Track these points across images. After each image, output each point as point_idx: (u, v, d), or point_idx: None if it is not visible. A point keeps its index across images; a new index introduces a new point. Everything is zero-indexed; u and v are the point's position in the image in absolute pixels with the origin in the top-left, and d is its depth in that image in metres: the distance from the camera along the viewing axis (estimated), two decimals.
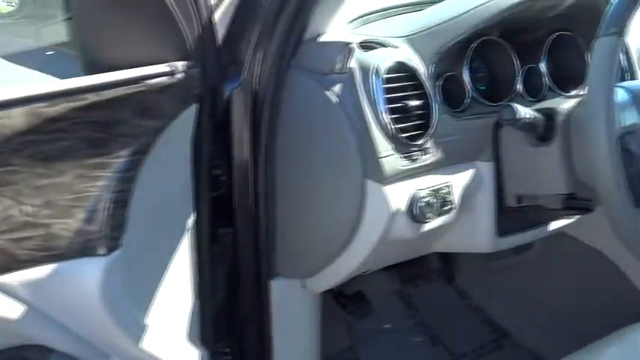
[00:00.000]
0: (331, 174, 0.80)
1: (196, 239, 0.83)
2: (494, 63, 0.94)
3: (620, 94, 0.70)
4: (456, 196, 0.82)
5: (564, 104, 0.79)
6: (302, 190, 0.86)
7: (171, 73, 0.64)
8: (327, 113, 0.77)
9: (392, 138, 0.75)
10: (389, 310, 1.49)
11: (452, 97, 0.85)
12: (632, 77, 1.00)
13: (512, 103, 0.71)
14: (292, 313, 1.00)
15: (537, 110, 0.78)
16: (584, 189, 0.76)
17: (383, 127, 0.74)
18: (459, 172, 0.84)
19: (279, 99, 0.82)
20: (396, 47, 0.82)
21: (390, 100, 0.75)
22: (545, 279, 1.37)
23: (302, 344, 1.06)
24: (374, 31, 0.88)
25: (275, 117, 0.83)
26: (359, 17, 0.89)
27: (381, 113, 0.74)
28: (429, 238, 0.87)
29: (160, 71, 0.63)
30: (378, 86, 0.74)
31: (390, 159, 0.75)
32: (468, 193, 0.85)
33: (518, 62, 0.91)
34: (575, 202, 0.79)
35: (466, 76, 0.86)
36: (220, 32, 0.82)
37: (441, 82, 0.83)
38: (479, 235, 0.90)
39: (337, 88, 0.76)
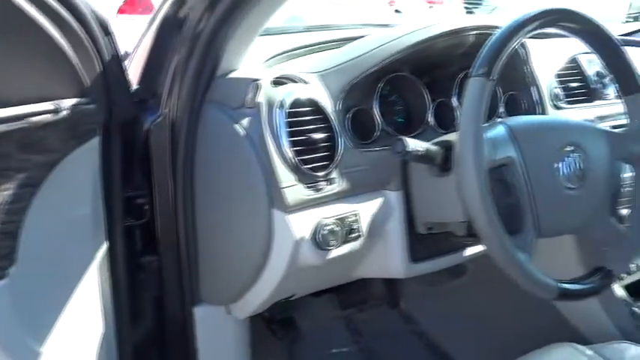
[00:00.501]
0: (243, 204, 0.84)
1: (110, 268, 0.85)
2: (408, 98, 0.99)
3: (499, 129, 0.75)
4: (363, 224, 0.86)
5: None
6: (219, 219, 0.89)
7: (55, 111, 0.66)
8: (236, 145, 0.81)
9: (294, 169, 0.78)
10: (334, 336, 1.51)
11: (363, 129, 0.90)
12: (543, 112, 1.06)
13: (403, 137, 0.75)
14: (219, 339, 1.02)
15: (438, 142, 0.82)
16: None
17: (285, 159, 0.78)
18: (368, 200, 0.87)
19: (196, 132, 0.86)
20: (306, 83, 0.86)
21: (293, 133, 0.79)
22: (480, 301, 1.41)
23: None
24: (291, 68, 0.92)
25: (192, 149, 0.86)
26: (277, 55, 0.94)
27: (283, 145, 0.78)
28: (342, 265, 0.90)
29: (42, 109, 0.65)
30: (281, 120, 0.78)
31: (293, 189, 0.78)
32: (378, 221, 0.88)
33: (429, 97, 0.96)
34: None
35: (376, 110, 0.91)
36: (140, 67, 0.86)
37: (350, 116, 0.88)
38: (393, 261, 0.93)
39: (245, 121, 0.80)
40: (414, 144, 0.75)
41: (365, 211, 0.86)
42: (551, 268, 0.80)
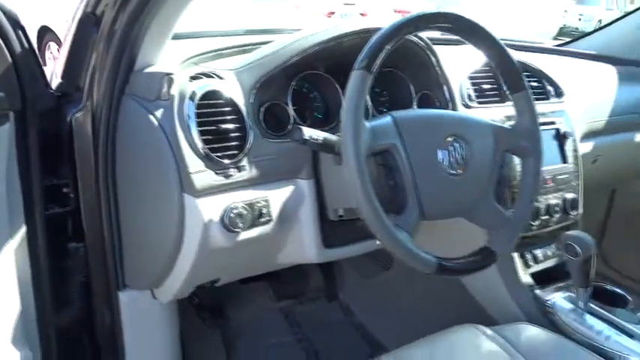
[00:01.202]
0: (158, 190, 0.89)
1: (31, 253, 0.89)
2: (326, 95, 1.06)
3: (385, 119, 0.82)
4: (274, 210, 0.92)
5: None
6: (139, 206, 0.95)
7: None
8: (151, 135, 0.86)
9: (203, 156, 0.84)
10: (272, 327, 1.56)
11: (279, 122, 0.97)
12: (454, 109, 1.14)
13: (301, 126, 0.82)
14: (145, 323, 1.07)
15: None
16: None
17: (193, 147, 0.84)
18: (279, 188, 0.94)
19: (116, 123, 0.91)
20: (222, 78, 0.92)
21: (203, 124, 0.85)
22: (407, 291, 1.48)
23: (160, 354, 1.12)
24: (212, 66, 0.99)
25: (112, 139, 0.92)
26: (200, 54, 1.00)
27: (192, 134, 0.84)
28: (257, 249, 0.96)
29: None
30: (191, 110, 0.85)
31: (202, 175, 0.84)
32: (289, 207, 0.95)
33: (342, 94, 1.03)
34: None
35: (289, 105, 0.98)
36: (63, 62, 0.92)
37: (264, 109, 0.94)
38: (307, 246, 1.00)
39: (159, 112, 0.86)
40: (312, 133, 0.82)
41: (275, 197, 0.93)
42: (447, 248, 0.88)
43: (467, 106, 1.15)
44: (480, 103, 1.19)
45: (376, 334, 1.56)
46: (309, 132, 0.81)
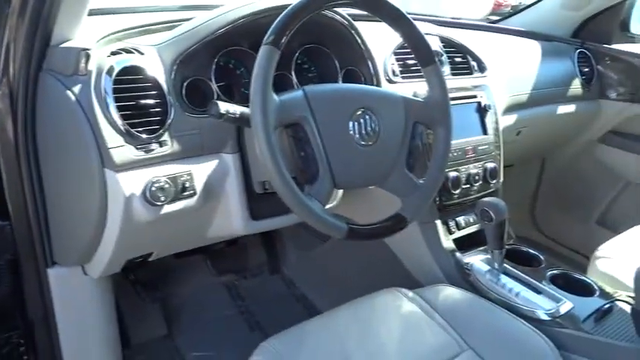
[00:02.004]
0: (80, 166, 0.90)
1: None
2: (251, 70, 1.07)
3: (296, 93, 0.85)
4: (198, 184, 0.94)
5: None
6: (62, 182, 0.95)
7: None
8: (70, 111, 0.87)
9: (122, 132, 0.86)
10: (215, 301, 1.59)
11: (204, 98, 0.98)
12: (378, 84, 1.18)
13: (217, 100, 0.84)
14: (76, 299, 1.08)
15: None
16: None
17: (112, 122, 0.85)
18: (203, 162, 0.96)
19: (34, 99, 0.91)
20: (142, 54, 0.93)
21: (121, 99, 0.86)
22: (344, 262, 1.54)
23: (95, 330, 1.14)
24: (135, 42, 0.99)
25: (32, 115, 0.92)
26: (124, 30, 1.00)
27: (110, 109, 0.85)
28: (185, 222, 0.98)
29: None
30: (107, 85, 0.85)
31: (121, 150, 0.86)
32: (214, 181, 0.97)
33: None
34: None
35: (213, 81, 0.99)
36: None
37: (186, 84, 0.96)
38: (234, 219, 1.03)
39: (77, 88, 0.86)
40: (229, 107, 0.84)
41: (199, 171, 0.95)
42: (369, 215, 0.92)
43: (390, 81, 1.20)
44: (404, 78, 1.23)
45: (316, 303, 1.62)
46: (225, 106, 0.83)
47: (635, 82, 1.72)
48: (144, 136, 0.87)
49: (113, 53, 0.91)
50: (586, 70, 1.76)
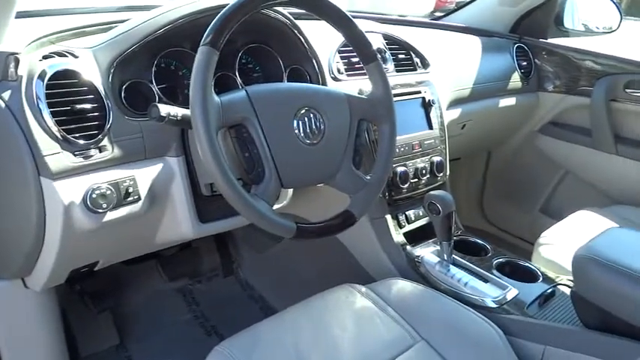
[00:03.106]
0: (14, 175, 0.86)
1: None
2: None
3: (239, 94, 0.84)
4: (142, 189, 0.92)
5: None
6: None
7: None
8: (1, 119, 0.82)
9: (57, 138, 0.82)
10: (168, 307, 1.56)
11: (145, 102, 0.96)
12: (323, 82, 1.18)
13: (157, 103, 0.82)
14: (19, 314, 1.03)
15: None
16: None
17: (45, 129, 0.81)
18: (146, 167, 0.94)
19: None
20: (76, 57, 0.90)
21: (55, 104, 0.83)
22: (299, 260, 1.54)
23: (40, 345, 1.09)
24: (71, 44, 0.95)
25: None
26: (55, 33, 0.96)
27: (43, 116, 0.81)
28: (130, 229, 0.96)
29: None
30: (39, 91, 0.82)
31: (57, 157, 0.83)
32: (159, 185, 0.95)
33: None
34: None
35: (153, 83, 0.97)
36: None
37: (125, 88, 0.93)
38: (182, 223, 1.01)
39: (6, 94, 0.82)
40: (170, 109, 0.82)
41: (143, 176, 0.92)
42: (318, 213, 0.92)
43: (335, 79, 1.20)
44: (349, 75, 1.24)
45: (274, 303, 1.61)
46: (166, 109, 0.82)
47: (571, 74, 1.80)
48: (81, 142, 0.84)
49: (45, 57, 0.87)
50: (524, 64, 1.83)
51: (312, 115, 0.88)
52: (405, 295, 1.08)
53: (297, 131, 0.86)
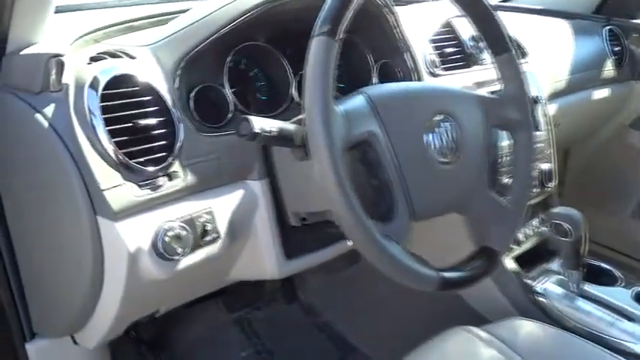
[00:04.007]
0: (62, 213, 0.67)
1: None
2: (269, 72, 0.86)
3: (358, 100, 0.64)
4: (221, 224, 0.72)
5: None
6: (39, 235, 0.72)
7: None
8: (42, 141, 0.63)
9: (118, 165, 0.63)
10: (227, 343, 1.37)
11: (215, 111, 0.76)
12: (419, 79, 0.97)
13: (249, 116, 0.62)
14: None
15: (297, 120, 0.70)
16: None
17: (102, 153, 0.62)
18: (225, 194, 0.74)
19: None
20: (133, 58, 0.70)
21: (113, 120, 0.63)
22: (379, 286, 1.34)
23: None
24: (119, 42, 0.76)
25: None
26: (99, 29, 0.76)
27: (99, 136, 0.62)
28: (203, 273, 0.76)
29: None
30: (93, 103, 0.62)
31: (119, 191, 0.63)
32: (240, 217, 0.75)
33: (290, 69, 0.84)
34: None
35: (227, 87, 0.77)
36: None
37: (193, 95, 0.73)
38: (265, 260, 0.81)
39: (49, 109, 0.63)
40: (264, 124, 0.62)
41: (221, 207, 0.73)
42: (429, 252, 0.72)
43: (433, 75, 0.99)
44: (445, 69, 1.03)
45: (344, 333, 1.41)
46: (259, 123, 0.61)
47: None
48: (150, 168, 0.65)
49: (93, 59, 0.68)
50: (617, 49, 1.59)
51: (448, 124, 0.67)
52: (534, 339, 0.87)
53: (430, 146, 0.65)
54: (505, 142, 0.92)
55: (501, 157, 0.91)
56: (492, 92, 0.78)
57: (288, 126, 0.66)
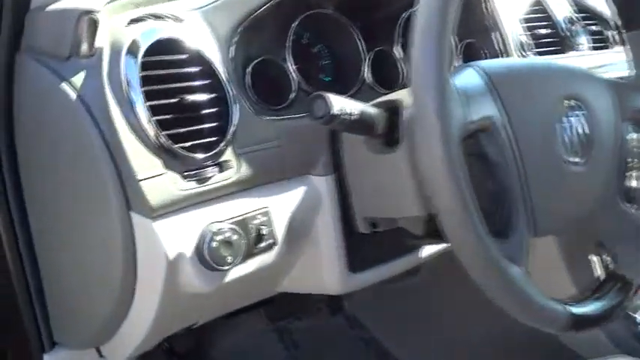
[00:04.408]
0: (90, 207, 0.55)
1: None
2: (337, 47, 0.73)
3: (470, 76, 0.50)
4: (278, 227, 0.59)
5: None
6: (62, 231, 0.60)
7: None
8: (68, 117, 0.52)
9: (158, 150, 0.50)
10: (265, 354, 1.25)
11: (274, 90, 0.63)
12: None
13: (324, 93, 0.48)
14: None
15: (379, 104, 0.57)
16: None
17: (140, 134, 0.50)
18: (284, 191, 0.61)
19: (10, 99, 0.56)
20: (180, 21, 0.58)
21: (155, 94, 0.51)
22: (440, 302, 1.19)
23: None
24: (164, 4, 0.63)
25: (8, 128, 0.56)
26: None
27: (137, 113, 0.50)
28: (252, 284, 0.64)
29: None
30: (131, 73, 0.50)
31: (159, 181, 0.50)
32: (300, 219, 0.62)
33: (364, 45, 0.71)
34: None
35: (290, 61, 0.64)
36: None
37: (251, 70, 0.61)
38: (327, 272, 0.68)
39: (78, 78, 0.52)
40: (344, 105, 0.49)
41: (280, 207, 0.60)
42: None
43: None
44: (538, 53, 0.88)
45: (393, 352, 1.27)
46: (338, 103, 0.48)
47: None
48: (198, 155, 0.52)
49: (134, 21, 0.55)
50: None
51: (579, 113, 0.52)
52: None
53: (560, 140, 0.50)
54: (633, 135, 0.76)
55: (631, 156, 0.75)
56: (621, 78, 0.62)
57: (370, 109, 0.53)
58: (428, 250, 0.78)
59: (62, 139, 0.54)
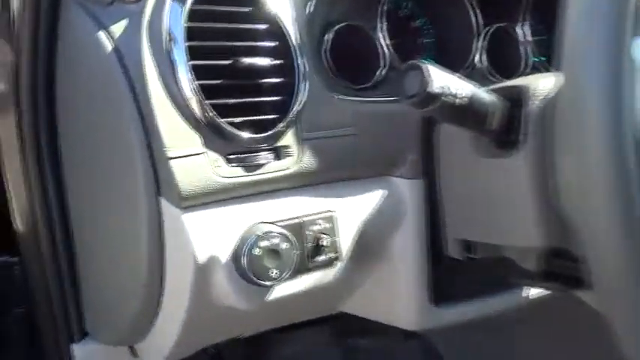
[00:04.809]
0: (119, 186, 0.46)
1: None
2: (443, 21, 0.59)
3: None
4: (344, 238, 0.47)
5: (547, 81, 0.42)
6: (94, 210, 0.52)
7: None
8: (102, 70, 0.43)
9: (199, 122, 0.40)
10: None
11: (357, 64, 0.51)
12: None
13: (424, 65, 0.35)
14: None
15: (498, 90, 0.42)
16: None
17: (178, 101, 0.40)
18: (356, 194, 0.49)
19: (53, 55, 0.49)
20: None
21: (201, 52, 0.40)
22: (537, 343, 1.01)
23: None
24: None
25: (48, 82, 0.49)
26: None
27: (178, 75, 0.40)
28: (305, 303, 0.52)
29: None
30: (175, 25, 0.40)
31: (195, 162, 0.40)
32: (375, 231, 0.49)
33: (478, 20, 0.56)
34: (566, 266, 0.43)
35: (380, 32, 0.51)
36: None
37: (331, 37, 0.49)
38: (401, 301, 0.56)
39: (118, 27, 0.43)
40: (448, 82, 0.35)
41: (348, 212, 0.48)
42: None
43: None
44: None
45: None
46: (440, 78, 0.35)
47: None
48: (246, 135, 0.41)
49: None
50: None
51: None
52: None
53: None
54: None
55: None
56: None
57: (484, 95, 0.39)
58: (530, 293, 0.62)
59: (95, 98, 0.45)
